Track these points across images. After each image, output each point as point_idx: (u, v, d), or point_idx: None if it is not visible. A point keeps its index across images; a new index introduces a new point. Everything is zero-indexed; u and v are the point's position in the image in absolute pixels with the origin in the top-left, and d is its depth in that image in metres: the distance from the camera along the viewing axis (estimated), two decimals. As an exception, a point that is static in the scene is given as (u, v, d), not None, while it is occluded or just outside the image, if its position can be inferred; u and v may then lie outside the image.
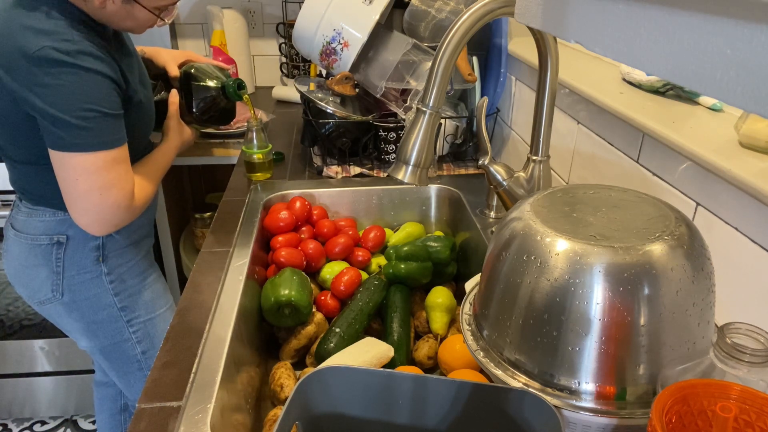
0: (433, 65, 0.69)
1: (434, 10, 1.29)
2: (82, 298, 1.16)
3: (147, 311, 1.24)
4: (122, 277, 1.19)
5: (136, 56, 1.15)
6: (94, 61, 0.95)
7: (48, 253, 1.12)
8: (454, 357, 0.87)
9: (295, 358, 0.95)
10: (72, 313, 1.18)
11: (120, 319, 1.20)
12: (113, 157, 0.98)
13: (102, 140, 0.96)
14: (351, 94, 1.35)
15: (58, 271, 1.13)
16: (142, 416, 0.66)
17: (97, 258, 1.15)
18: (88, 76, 0.94)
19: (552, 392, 0.55)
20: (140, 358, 1.25)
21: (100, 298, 1.18)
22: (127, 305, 1.21)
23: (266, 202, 1.18)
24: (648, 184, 0.81)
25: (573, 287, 0.53)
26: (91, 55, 0.95)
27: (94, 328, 1.20)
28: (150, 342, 1.26)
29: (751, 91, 0.25)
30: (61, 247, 1.12)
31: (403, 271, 1.01)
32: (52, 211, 1.10)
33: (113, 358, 1.25)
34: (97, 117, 0.95)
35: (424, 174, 0.73)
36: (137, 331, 1.23)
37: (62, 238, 1.11)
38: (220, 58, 1.94)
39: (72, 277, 1.14)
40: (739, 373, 0.46)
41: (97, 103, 0.95)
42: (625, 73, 0.96)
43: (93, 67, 0.94)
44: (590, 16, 0.37)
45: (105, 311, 1.19)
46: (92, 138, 0.95)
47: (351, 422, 0.60)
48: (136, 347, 1.24)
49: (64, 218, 1.10)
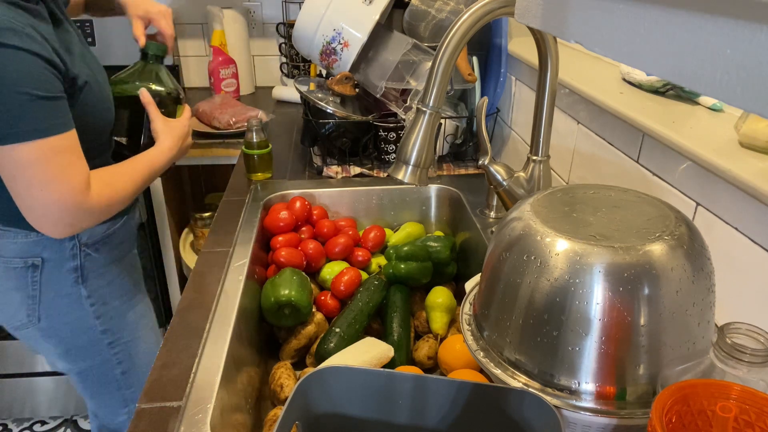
0: (433, 65, 0.69)
1: (434, 10, 1.29)
2: (60, 323, 1.08)
3: (130, 332, 1.17)
4: (104, 298, 1.11)
5: (78, 35, 1.02)
6: (18, 38, 0.81)
7: (23, 277, 1.03)
8: (454, 357, 0.87)
9: (295, 358, 0.94)
10: (50, 338, 1.10)
11: (101, 341, 1.13)
12: (52, 146, 0.85)
13: (35, 127, 0.83)
14: (351, 94, 1.35)
15: (33, 295, 1.05)
16: (142, 416, 0.66)
17: (75, 280, 1.06)
18: (13, 54, 0.81)
19: (552, 392, 0.55)
20: (119, 378, 1.18)
21: (81, 321, 1.09)
22: (109, 328, 1.13)
23: (266, 202, 1.18)
24: (648, 184, 0.81)
25: (573, 287, 0.53)
26: (13, 30, 0.81)
27: (72, 352, 1.12)
28: (131, 362, 1.18)
29: (751, 91, 0.25)
30: (36, 270, 1.03)
31: (403, 271, 1.01)
32: (24, 232, 1.00)
33: (90, 379, 1.17)
34: (29, 101, 0.82)
35: (424, 174, 0.73)
36: (119, 352, 1.16)
37: (37, 261, 1.03)
38: (220, 58, 1.95)
39: (49, 302, 1.06)
40: (739, 373, 0.46)
41: (27, 84, 0.82)
42: (625, 73, 0.96)
43: (18, 45, 0.81)
44: (590, 16, 0.37)
45: (85, 335, 1.11)
46: (24, 125, 0.82)
47: (351, 422, 0.60)
48: (116, 368, 1.17)
49: (37, 239, 1.01)
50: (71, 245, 1.05)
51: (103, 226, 1.08)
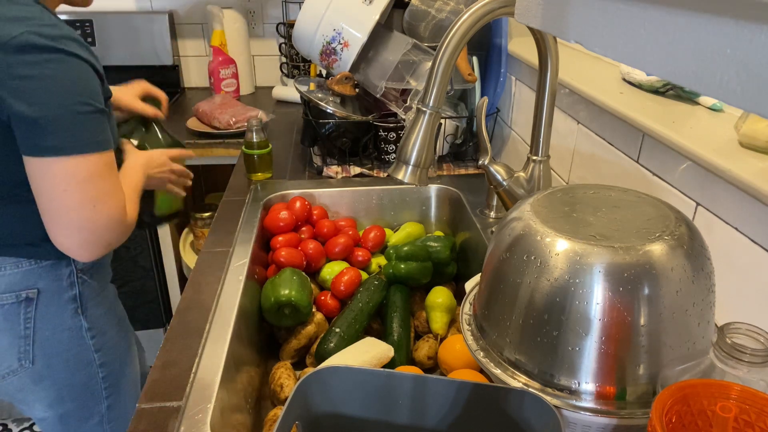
0: (433, 65, 0.69)
1: (434, 10, 1.29)
2: (59, 361, 0.96)
3: (120, 362, 1.07)
4: (102, 329, 1.01)
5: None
6: (79, 47, 0.80)
7: (14, 315, 0.91)
8: (454, 357, 0.87)
9: (295, 358, 0.94)
10: (42, 381, 0.97)
11: (97, 376, 1.02)
12: (106, 162, 0.82)
13: (96, 140, 0.80)
14: (351, 94, 1.35)
15: (27, 335, 0.93)
16: (142, 416, 0.66)
17: (75, 310, 0.96)
18: (77, 63, 0.79)
19: (552, 392, 0.55)
20: (103, 413, 1.06)
21: (80, 357, 0.98)
22: (106, 360, 1.03)
23: (266, 202, 1.18)
24: (648, 184, 0.81)
25: (573, 287, 0.53)
26: (77, 41, 0.80)
27: (63, 395, 0.99)
28: (117, 396, 1.07)
29: (751, 91, 0.25)
30: (31, 304, 0.92)
31: (403, 271, 1.01)
32: (15, 261, 0.90)
33: (72, 421, 1.03)
34: (89, 113, 0.79)
35: (424, 174, 0.73)
36: (109, 386, 1.05)
37: (32, 293, 0.92)
38: (220, 58, 1.95)
39: (46, 339, 0.94)
40: (739, 373, 0.46)
41: (88, 95, 0.79)
42: (625, 73, 0.96)
43: (81, 55, 0.79)
44: (590, 16, 0.37)
45: (83, 372, 1.00)
46: (85, 137, 0.79)
47: (351, 422, 0.60)
48: (103, 403, 1.05)
49: (30, 268, 0.91)
50: (68, 272, 0.95)
51: None
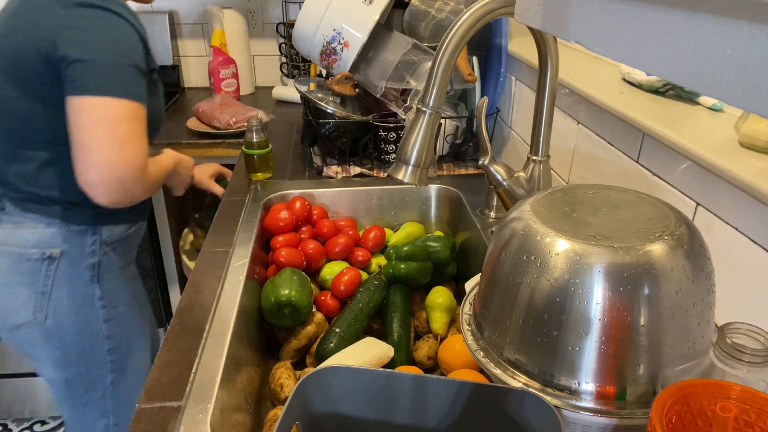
0: (433, 65, 0.69)
1: (434, 10, 1.29)
2: (67, 323, 1.04)
3: (129, 339, 1.14)
4: (114, 302, 1.09)
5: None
6: (126, 11, 0.94)
7: (35, 270, 1.01)
8: (454, 357, 0.87)
9: (295, 358, 0.94)
10: (50, 340, 1.05)
11: (102, 347, 1.09)
12: (135, 111, 0.92)
13: (128, 89, 0.92)
14: (351, 94, 1.35)
15: (44, 291, 1.01)
16: (142, 416, 0.66)
17: (91, 278, 1.05)
18: (121, 23, 0.92)
19: (552, 392, 0.55)
20: (107, 387, 1.13)
21: (88, 323, 1.06)
22: (113, 333, 1.10)
23: (266, 202, 1.18)
24: (648, 184, 0.81)
25: (573, 287, 0.53)
26: (122, 4, 0.94)
27: (70, 357, 1.07)
28: (122, 372, 1.14)
29: (751, 91, 0.25)
30: (52, 263, 1.01)
31: (403, 271, 1.01)
32: (48, 221, 1.00)
33: (77, 386, 1.11)
34: (127, 66, 0.92)
35: (424, 174, 0.73)
36: (115, 360, 1.12)
37: (55, 252, 1.01)
38: (220, 58, 1.95)
39: (60, 299, 1.03)
40: (739, 373, 0.46)
41: (128, 52, 0.93)
42: (625, 73, 0.96)
43: (125, 16, 0.93)
44: (590, 16, 0.37)
45: (89, 340, 1.07)
46: (118, 84, 0.90)
47: (351, 422, 0.60)
48: (108, 376, 1.12)
49: (59, 230, 1.01)
50: (92, 240, 1.04)
51: (123, 226, 1.11)
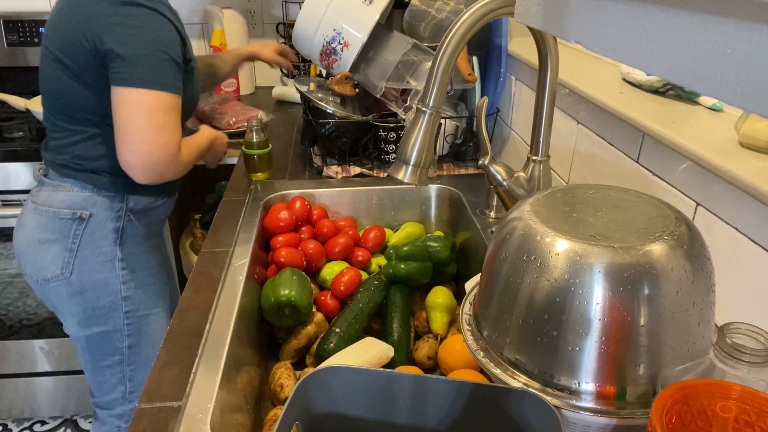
0: (433, 65, 0.69)
1: (434, 10, 1.29)
2: (89, 280, 1.17)
3: (146, 306, 1.24)
4: (133, 266, 1.21)
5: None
6: (168, 10, 1.07)
7: (66, 228, 1.14)
8: (454, 357, 0.87)
9: (295, 358, 0.94)
10: (74, 295, 1.17)
11: (119, 308, 1.20)
12: (170, 102, 1.05)
13: (164, 82, 1.04)
14: (351, 94, 1.35)
15: (72, 248, 1.14)
16: (142, 416, 0.66)
17: (114, 240, 1.17)
18: (163, 21, 1.05)
19: (552, 392, 0.55)
20: (125, 352, 1.24)
21: (108, 283, 1.18)
22: (130, 296, 1.21)
23: (266, 202, 1.18)
24: (648, 184, 0.81)
25: (573, 287, 0.53)
26: (166, 5, 1.08)
27: (90, 314, 1.19)
28: (139, 338, 1.24)
29: (751, 91, 0.25)
30: (81, 224, 1.14)
31: (403, 271, 1.01)
32: (81, 185, 1.14)
33: (96, 348, 1.23)
34: (166, 60, 1.04)
35: (424, 174, 0.73)
36: (131, 323, 1.22)
37: (85, 214, 1.14)
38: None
39: (85, 257, 1.15)
40: (739, 373, 0.46)
41: (167, 48, 1.05)
42: (625, 73, 0.96)
43: (168, 16, 1.06)
44: (590, 16, 0.37)
45: (108, 298, 1.19)
46: (157, 77, 1.03)
47: (351, 422, 0.60)
48: (125, 340, 1.23)
49: (90, 195, 1.14)
50: (119, 207, 1.17)
51: (149, 198, 1.22)
